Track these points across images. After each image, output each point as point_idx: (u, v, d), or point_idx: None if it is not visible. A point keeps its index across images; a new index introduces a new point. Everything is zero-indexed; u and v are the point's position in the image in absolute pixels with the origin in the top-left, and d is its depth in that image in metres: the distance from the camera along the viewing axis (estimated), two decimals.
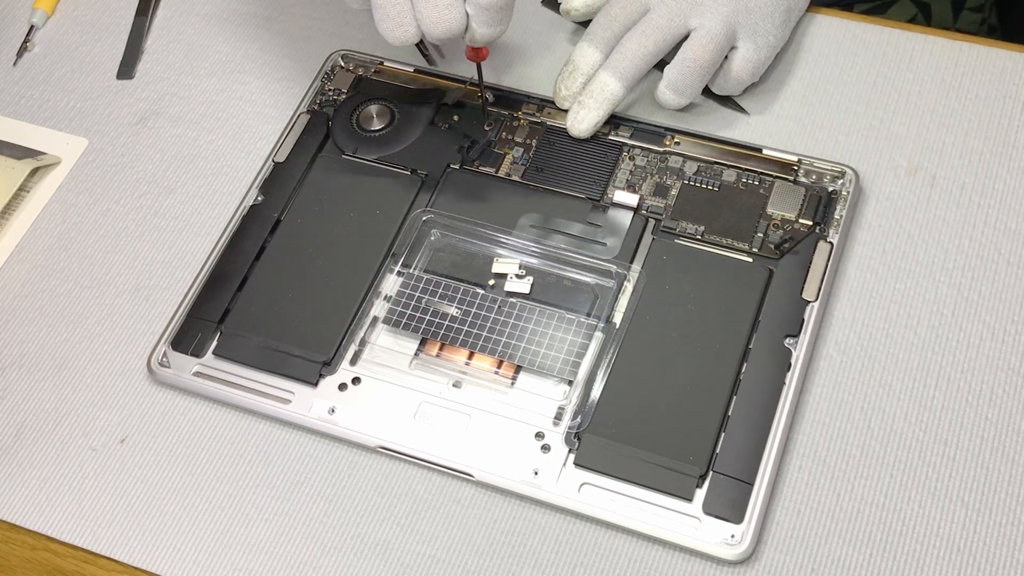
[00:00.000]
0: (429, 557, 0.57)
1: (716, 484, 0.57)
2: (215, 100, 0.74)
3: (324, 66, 0.73)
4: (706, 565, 0.56)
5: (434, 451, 0.59)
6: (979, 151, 0.67)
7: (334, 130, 0.70)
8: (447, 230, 0.66)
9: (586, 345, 0.61)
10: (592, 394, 0.59)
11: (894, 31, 0.72)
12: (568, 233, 0.65)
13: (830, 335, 0.62)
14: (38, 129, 0.74)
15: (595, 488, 0.57)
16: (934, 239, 0.64)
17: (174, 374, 0.63)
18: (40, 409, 0.63)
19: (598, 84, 0.67)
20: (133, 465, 0.61)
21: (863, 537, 0.56)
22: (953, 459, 0.58)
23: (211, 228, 0.69)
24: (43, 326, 0.66)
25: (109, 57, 0.77)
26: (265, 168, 0.69)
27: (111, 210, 0.70)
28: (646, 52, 0.67)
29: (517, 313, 0.62)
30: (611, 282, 0.63)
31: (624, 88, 0.67)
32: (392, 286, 0.64)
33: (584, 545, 0.57)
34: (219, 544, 0.58)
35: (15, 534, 0.60)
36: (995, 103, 0.68)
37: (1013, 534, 0.56)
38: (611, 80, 0.67)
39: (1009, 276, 0.63)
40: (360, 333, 0.63)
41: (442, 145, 0.69)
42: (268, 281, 0.65)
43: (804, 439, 0.59)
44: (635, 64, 0.67)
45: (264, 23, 0.78)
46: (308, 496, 0.59)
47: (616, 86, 0.67)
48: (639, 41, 0.67)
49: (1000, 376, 0.60)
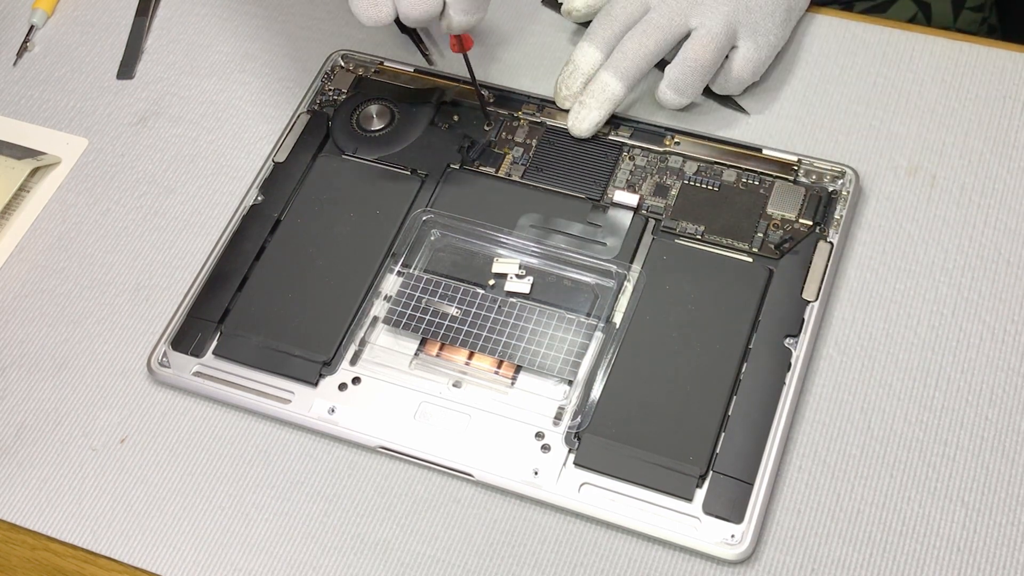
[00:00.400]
0: (429, 557, 0.57)
1: (716, 484, 0.57)
2: (215, 100, 0.74)
3: (324, 66, 0.73)
4: (706, 565, 0.56)
5: (434, 451, 0.59)
6: (979, 151, 0.67)
7: (334, 130, 0.70)
8: (447, 230, 0.66)
9: (586, 345, 0.61)
10: (592, 394, 0.59)
11: (894, 31, 0.72)
12: (568, 233, 0.65)
13: (830, 335, 0.62)
14: (38, 129, 0.74)
15: (595, 488, 0.57)
16: (934, 239, 0.64)
17: (174, 374, 0.63)
18: (40, 409, 0.63)
19: (599, 84, 0.67)
20: (133, 465, 0.61)
21: (863, 537, 0.56)
22: (953, 459, 0.58)
23: (211, 228, 0.69)
24: (43, 326, 0.66)
25: (109, 57, 0.77)
26: (265, 168, 0.69)
27: (111, 210, 0.70)
28: (647, 51, 0.67)
29: (517, 313, 0.62)
30: (611, 282, 0.63)
31: (625, 88, 0.67)
32: (392, 286, 0.64)
33: (584, 545, 0.57)
34: (219, 544, 0.58)
35: (15, 534, 0.60)
36: (995, 103, 0.68)
37: (1013, 534, 0.56)
38: (612, 80, 0.67)
39: (1009, 276, 0.63)
40: (360, 333, 0.63)
41: (442, 145, 0.69)
42: (268, 281, 0.65)
43: (804, 439, 0.59)
44: (636, 63, 0.67)
45: (264, 23, 0.78)
46: (308, 496, 0.59)
47: (617, 86, 0.67)
48: (640, 40, 0.67)
49: (1000, 376, 0.60)
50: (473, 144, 0.69)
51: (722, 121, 0.69)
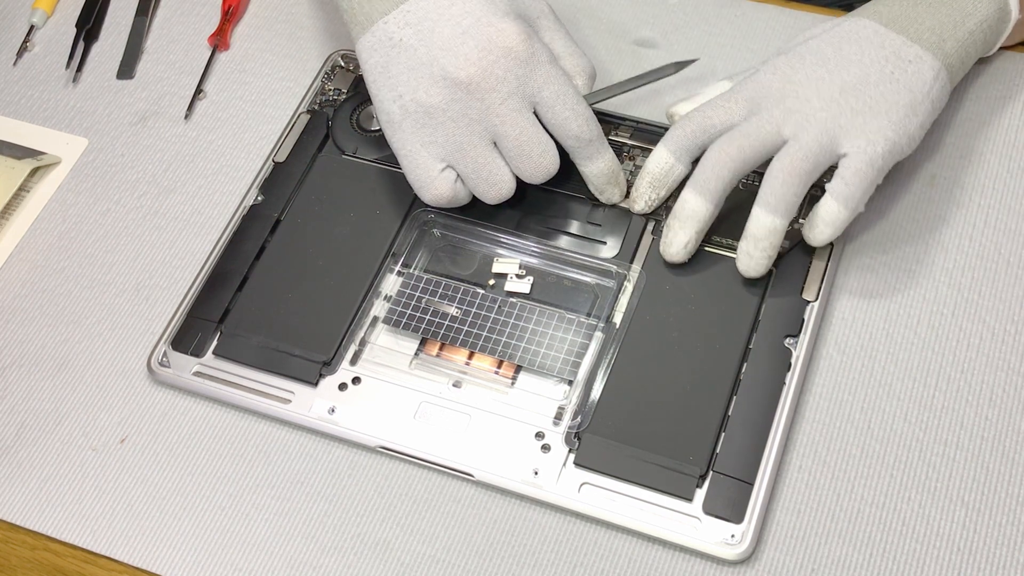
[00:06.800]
0: (429, 557, 0.57)
1: (716, 484, 0.57)
2: (215, 100, 0.74)
3: (324, 66, 0.73)
4: (706, 565, 0.56)
5: (434, 451, 0.59)
6: (979, 151, 0.67)
7: (334, 130, 0.70)
8: (447, 230, 0.66)
9: (586, 345, 0.61)
10: (592, 394, 0.59)
11: None
12: (568, 233, 0.65)
13: (830, 335, 0.62)
14: (38, 129, 0.74)
15: (595, 488, 0.57)
16: (934, 239, 0.64)
17: (174, 374, 0.63)
18: (40, 409, 0.63)
19: (681, 202, 0.61)
20: (133, 465, 0.61)
21: (863, 537, 0.56)
22: (953, 459, 0.58)
23: (211, 228, 0.69)
24: (43, 326, 0.66)
25: (109, 57, 0.77)
26: (265, 168, 0.69)
27: (111, 210, 0.70)
28: (731, 163, 0.60)
29: (517, 313, 0.62)
30: (611, 282, 0.63)
31: (710, 205, 0.60)
32: (392, 286, 0.64)
33: (584, 545, 0.57)
34: (219, 544, 0.58)
35: (15, 534, 0.60)
36: (995, 103, 0.69)
37: (1013, 534, 0.56)
38: (693, 197, 0.60)
39: (1009, 276, 0.63)
40: (360, 333, 0.63)
41: None
42: (268, 281, 0.65)
43: (804, 439, 0.59)
44: (720, 177, 0.60)
45: (264, 23, 0.78)
46: (308, 496, 0.59)
47: (699, 203, 0.60)
48: (724, 150, 0.60)
49: (1000, 376, 0.60)
50: None
51: None
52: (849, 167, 0.59)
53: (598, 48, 0.73)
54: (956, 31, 0.62)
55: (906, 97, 0.60)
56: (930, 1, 0.62)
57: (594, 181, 0.64)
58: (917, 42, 0.61)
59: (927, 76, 0.60)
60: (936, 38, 0.61)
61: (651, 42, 0.74)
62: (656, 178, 0.63)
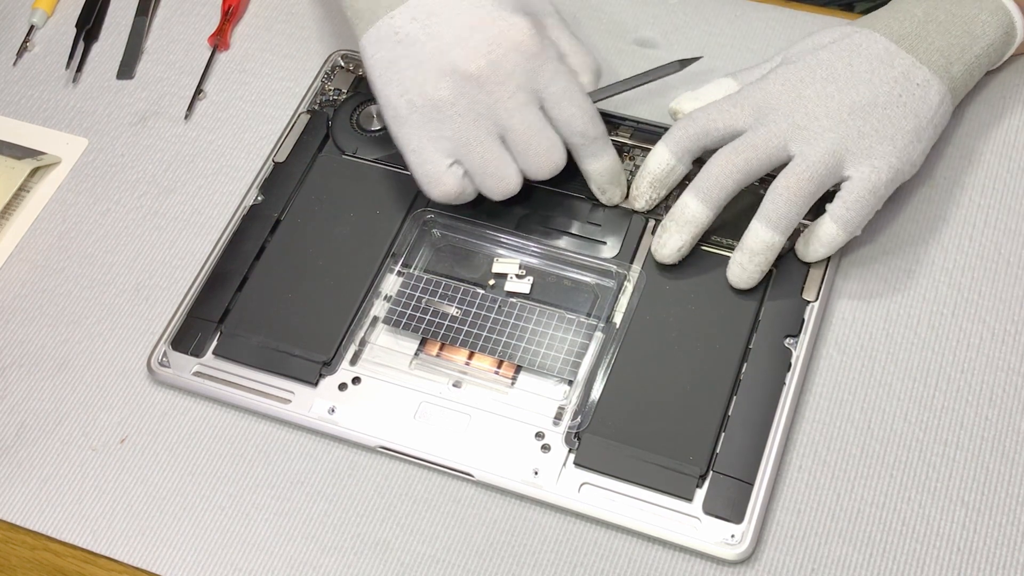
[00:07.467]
0: (429, 557, 0.57)
1: (716, 484, 0.57)
2: (215, 100, 0.74)
3: (324, 66, 0.73)
4: (706, 565, 0.56)
5: (434, 451, 0.59)
6: (979, 151, 0.67)
7: (334, 130, 0.70)
8: (447, 230, 0.66)
9: (586, 345, 0.61)
10: (592, 394, 0.59)
11: None
12: (568, 233, 0.65)
13: (830, 335, 0.62)
14: (38, 129, 0.74)
15: (595, 488, 0.57)
16: (934, 239, 0.64)
17: (174, 374, 0.63)
18: (40, 409, 0.63)
19: (680, 205, 0.61)
20: (133, 465, 0.61)
21: (863, 537, 0.56)
22: (953, 459, 0.58)
23: (211, 228, 0.69)
24: (43, 326, 0.66)
25: (109, 57, 0.77)
26: (265, 168, 0.69)
27: (111, 210, 0.70)
28: (736, 173, 0.60)
29: (517, 313, 0.62)
30: (611, 282, 0.63)
31: (709, 211, 0.60)
32: (392, 286, 0.64)
33: (584, 545, 0.57)
34: (219, 544, 0.58)
35: (15, 534, 0.60)
36: (995, 104, 0.68)
37: (1013, 534, 0.56)
38: (693, 201, 0.60)
39: (1009, 276, 0.63)
40: (360, 333, 0.63)
41: None
42: (268, 281, 0.65)
43: (804, 439, 0.59)
44: (722, 185, 0.60)
45: (264, 23, 0.78)
46: (308, 496, 0.59)
47: (699, 208, 0.60)
48: (729, 159, 0.60)
49: (1000, 376, 0.60)
50: None
51: None
52: (852, 192, 0.59)
53: (599, 47, 0.73)
54: (963, 55, 0.62)
55: (912, 123, 0.60)
56: (940, 20, 0.62)
57: (596, 180, 0.64)
58: (926, 64, 0.61)
59: (933, 101, 0.60)
60: (944, 61, 0.61)
61: (652, 42, 0.74)
62: (656, 178, 0.63)
